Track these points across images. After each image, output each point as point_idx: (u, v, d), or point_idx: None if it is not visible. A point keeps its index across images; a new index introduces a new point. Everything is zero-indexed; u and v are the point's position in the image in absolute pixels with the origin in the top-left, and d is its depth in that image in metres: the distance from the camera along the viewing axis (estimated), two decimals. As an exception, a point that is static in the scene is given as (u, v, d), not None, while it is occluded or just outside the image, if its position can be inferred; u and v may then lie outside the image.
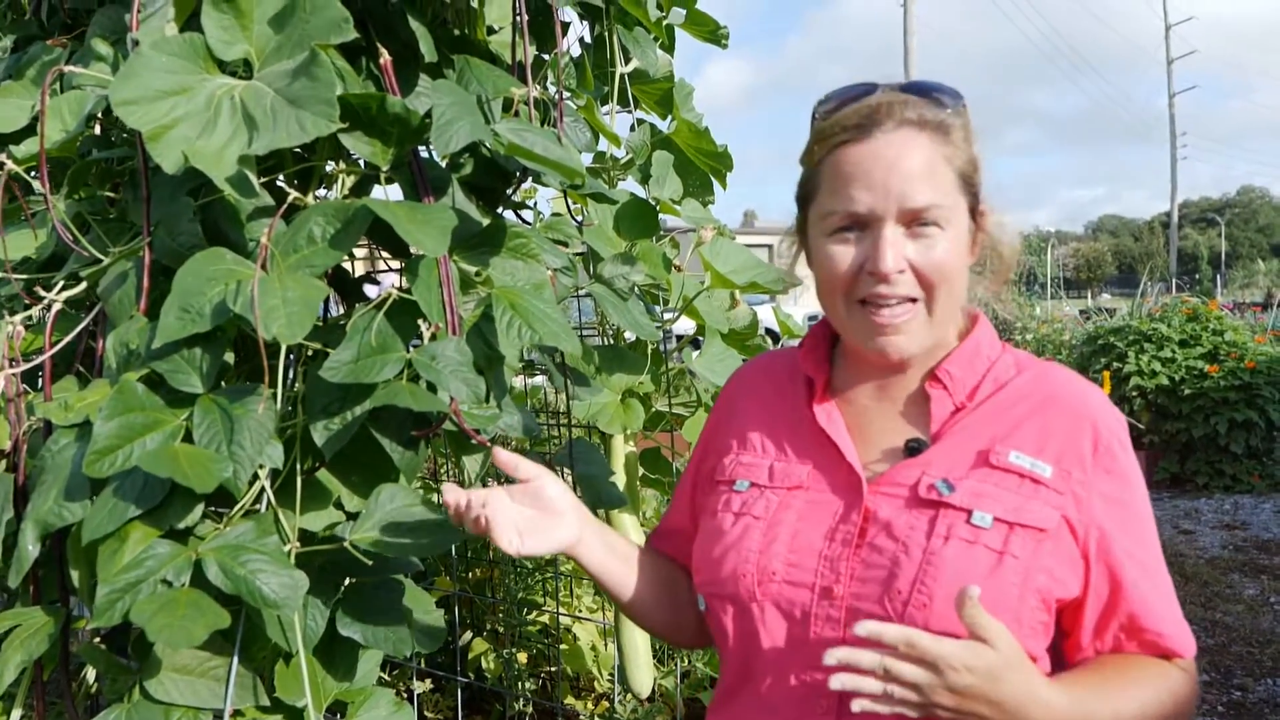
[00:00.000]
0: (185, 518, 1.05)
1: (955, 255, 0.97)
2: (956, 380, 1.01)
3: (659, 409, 1.98)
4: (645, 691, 2.00)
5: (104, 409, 1.01)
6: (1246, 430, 6.91)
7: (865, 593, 0.94)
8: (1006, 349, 1.06)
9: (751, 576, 0.99)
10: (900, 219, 0.95)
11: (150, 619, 0.96)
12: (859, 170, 0.96)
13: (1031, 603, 0.92)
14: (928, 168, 0.95)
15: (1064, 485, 0.95)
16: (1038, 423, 0.98)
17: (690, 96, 1.86)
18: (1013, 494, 0.94)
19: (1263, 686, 3.81)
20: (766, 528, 1.01)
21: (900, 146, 0.95)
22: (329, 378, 1.03)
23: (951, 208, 0.97)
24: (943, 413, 1.01)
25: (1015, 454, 0.96)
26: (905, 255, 0.95)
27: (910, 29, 20.92)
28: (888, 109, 0.97)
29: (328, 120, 1.00)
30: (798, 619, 0.97)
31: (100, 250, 1.23)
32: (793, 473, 1.04)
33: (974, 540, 0.92)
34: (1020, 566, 0.92)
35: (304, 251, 1.08)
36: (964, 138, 0.99)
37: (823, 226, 0.99)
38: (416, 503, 1.16)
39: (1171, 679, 0.96)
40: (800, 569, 0.97)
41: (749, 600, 0.99)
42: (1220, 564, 5.33)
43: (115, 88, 1.03)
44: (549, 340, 1.14)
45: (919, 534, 0.93)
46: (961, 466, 0.97)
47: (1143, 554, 0.97)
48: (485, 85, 1.26)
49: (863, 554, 0.95)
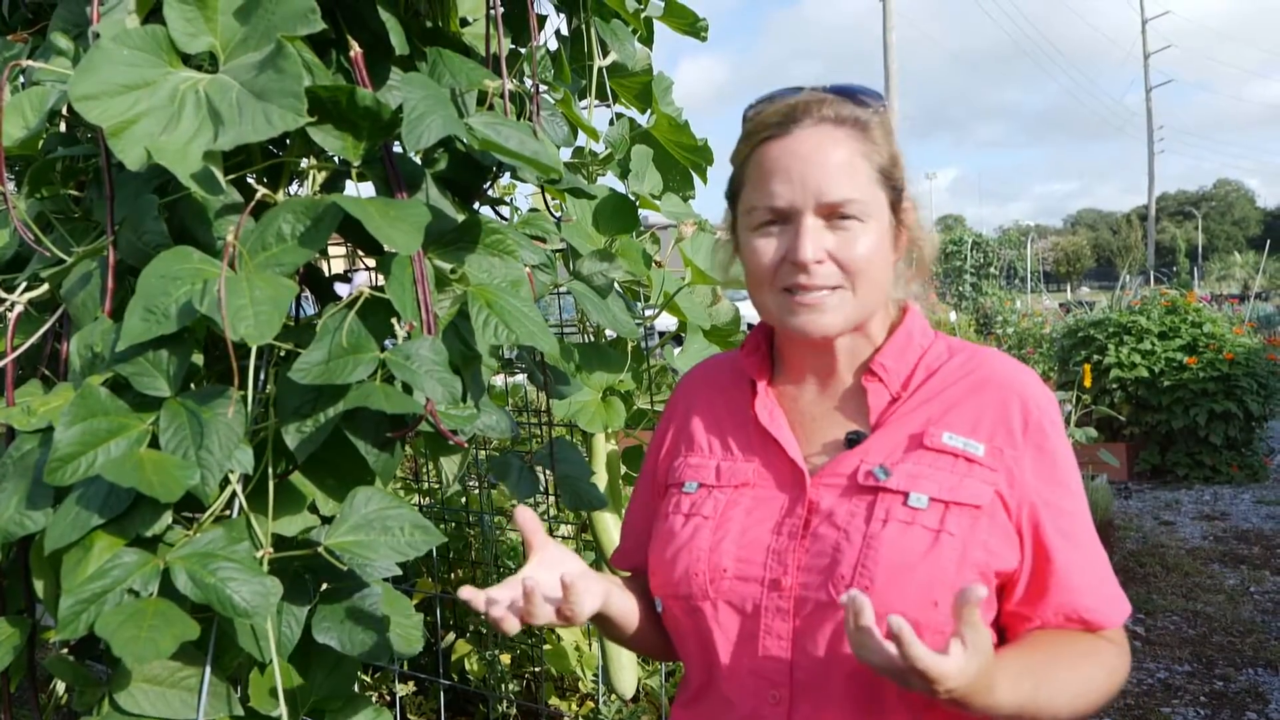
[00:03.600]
0: (152, 525, 1.02)
1: (875, 248, 1.00)
2: (891, 372, 1.05)
3: (641, 407, 1.96)
4: (629, 692, 1.98)
5: (65, 414, 0.98)
6: (1225, 421, 6.96)
7: (811, 581, 0.97)
8: (939, 336, 1.09)
9: (704, 575, 1.02)
10: (818, 212, 0.98)
11: (116, 631, 0.93)
12: (778, 166, 0.99)
13: (970, 577, 0.94)
14: (845, 163, 0.99)
15: (997, 463, 0.98)
16: (971, 404, 1.01)
17: (669, 90, 1.84)
18: (947, 474, 0.98)
19: (1244, 676, 3.83)
20: (715, 526, 1.03)
21: (817, 142, 0.99)
22: (299, 379, 1.01)
23: (869, 202, 1.00)
24: (880, 403, 1.04)
25: (948, 435, 0.99)
26: (825, 247, 0.98)
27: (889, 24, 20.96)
28: (806, 107, 1.00)
29: (295, 114, 0.97)
30: (749, 613, 0.99)
31: (63, 250, 1.19)
32: (739, 471, 1.07)
33: (911, 521, 0.95)
34: (957, 543, 0.95)
35: (273, 250, 1.05)
36: (884, 135, 1.02)
37: (748, 221, 1.03)
38: (393, 505, 1.13)
39: (1100, 652, 0.99)
40: (750, 564, 1.00)
41: (702, 599, 1.02)
42: (1201, 554, 5.36)
43: (75, 82, 0.99)
44: (526, 339, 1.12)
45: (859, 519, 0.97)
46: (898, 451, 1.00)
47: (1071, 526, 1.00)
48: (459, 78, 1.23)
49: (807, 544, 0.98)
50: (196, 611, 1.04)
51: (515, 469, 1.57)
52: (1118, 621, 1.01)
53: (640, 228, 1.74)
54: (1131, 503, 6.55)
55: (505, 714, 2.70)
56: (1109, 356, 7.24)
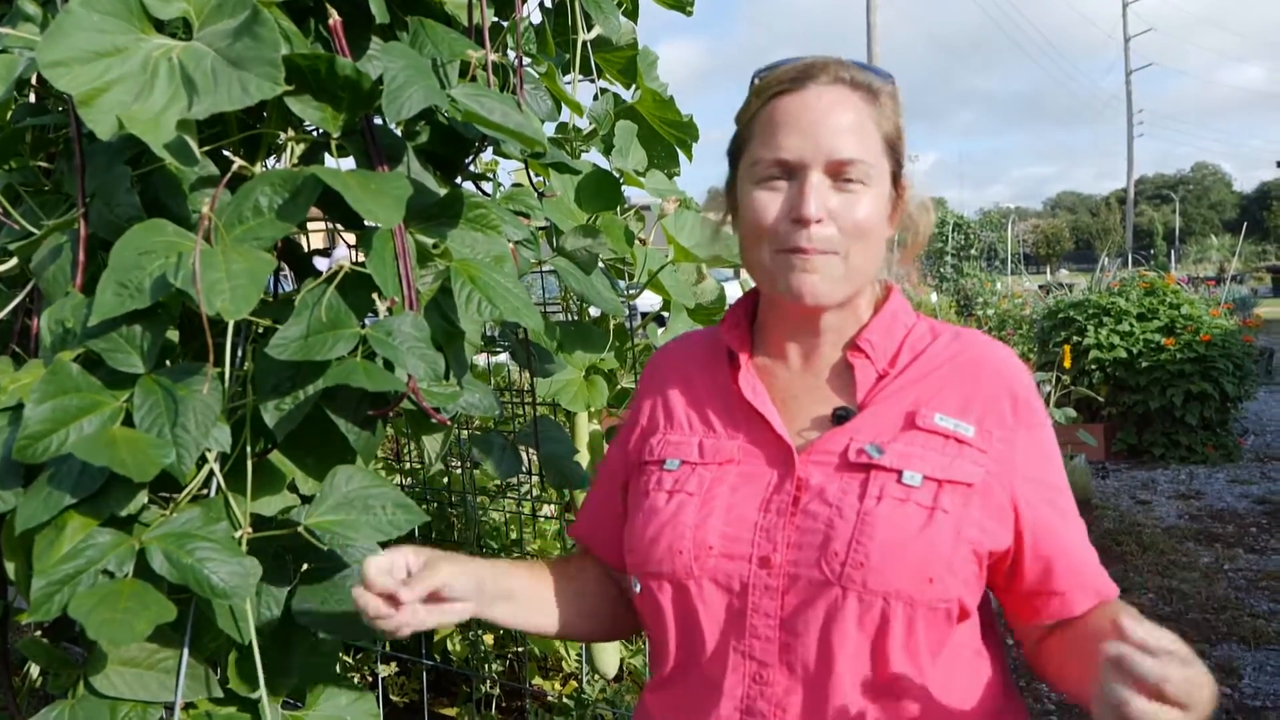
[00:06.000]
0: (126, 505, 0.99)
1: (875, 215, 1.00)
2: (878, 348, 1.04)
3: (625, 385, 1.95)
4: (611, 672, 1.98)
5: (36, 391, 0.95)
6: (1201, 402, 7.03)
7: (802, 558, 0.95)
8: (920, 317, 1.09)
9: (688, 552, 1.00)
10: (827, 169, 0.98)
11: (90, 614, 0.91)
12: (789, 118, 0.99)
13: (964, 553, 0.95)
14: (857, 123, 0.99)
15: (986, 444, 0.99)
16: (959, 386, 1.02)
17: (654, 65, 1.81)
18: (938, 454, 0.97)
19: (1219, 651, 3.89)
20: (701, 503, 1.01)
21: (832, 100, 0.99)
22: (276, 355, 0.98)
23: (875, 167, 1.00)
24: (867, 380, 1.03)
25: (940, 416, 0.99)
26: (829, 206, 0.98)
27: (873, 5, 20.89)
28: (823, 66, 1.01)
29: (272, 83, 0.94)
30: (736, 591, 0.98)
31: (33, 223, 1.16)
32: (723, 448, 1.05)
33: (906, 499, 0.95)
34: (951, 520, 0.95)
35: (250, 223, 1.03)
36: (893, 108, 1.03)
37: (752, 174, 1.02)
38: (375, 484, 1.11)
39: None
40: (737, 541, 0.99)
41: (686, 576, 1.00)
42: (1176, 533, 5.42)
43: (43, 48, 0.96)
44: (509, 315, 1.09)
45: (852, 496, 0.96)
46: (889, 430, 0.99)
47: (1066, 503, 1.02)
48: (441, 49, 1.20)
49: (798, 521, 0.97)
50: (174, 593, 1.02)
51: (498, 448, 1.55)
52: (1110, 589, 1.03)
53: (624, 204, 1.71)
54: (1109, 482, 6.61)
55: (489, 694, 2.70)
56: (1088, 338, 7.28)
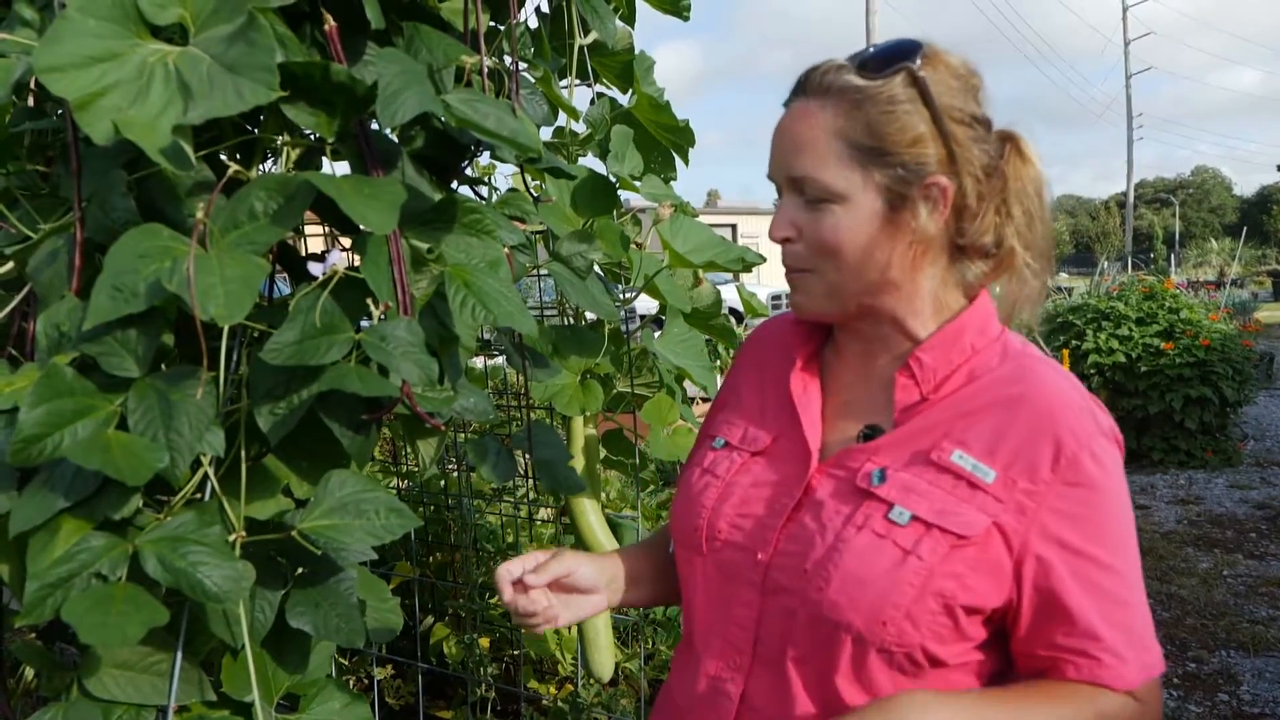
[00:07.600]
0: (120, 509, 0.99)
1: (847, 231, 0.94)
2: (927, 369, 0.97)
3: (620, 390, 1.95)
4: (606, 675, 1.98)
5: (31, 394, 0.95)
6: (1201, 407, 7.03)
7: (784, 564, 0.97)
8: (1002, 338, 0.99)
9: (703, 532, 1.03)
10: (790, 188, 0.98)
11: (83, 617, 0.91)
12: (774, 136, 1.00)
13: (930, 605, 0.89)
14: (810, 140, 0.95)
15: (1006, 494, 0.89)
16: (996, 423, 0.92)
17: (651, 70, 1.82)
18: (945, 494, 0.90)
19: (1216, 658, 3.88)
20: (723, 488, 1.04)
21: (795, 117, 0.97)
22: (270, 360, 0.99)
23: (834, 182, 0.94)
24: (906, 400, 0.97)
25: (959, 453, 0.91)
26: (799, 224, 0.97)
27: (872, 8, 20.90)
28: (807, 78, 0.98)
29: (267, 88, 0.94)
30: (729, 578, 1.01)
31: (30, 227, 1.16)
32: (760, 438, 1.06)
33: (885, 535, 0.91)
34: (924, 569, 0.89)
35: (245, 228, 1.03)
36: (885, 108, 0.92)
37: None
38: (368, 489, 1.12)
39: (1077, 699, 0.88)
40: (741, 532, 1.01)
41: (696, 554, 1.05)
42: (1175, 538, 5.42)
43: (39, 53, 0.96)
44: (503, 320, 1.10)
45: (838, 520, 0.94)
46: (904, 458, 0.94)
47: (1098, 577, 0.89)
48: (436, 54, 1.21)
49: (790, 528, 0.98)
50: (167, 596, 1.02)
51: (493, 452, 1.56)
52: (1140, 679, 0.89)
53: (620, 209, 1.72)
54: (1107, 487, 6.60)
55: (484, 697, 2.70)
56: (1087, 342, 7.29)
